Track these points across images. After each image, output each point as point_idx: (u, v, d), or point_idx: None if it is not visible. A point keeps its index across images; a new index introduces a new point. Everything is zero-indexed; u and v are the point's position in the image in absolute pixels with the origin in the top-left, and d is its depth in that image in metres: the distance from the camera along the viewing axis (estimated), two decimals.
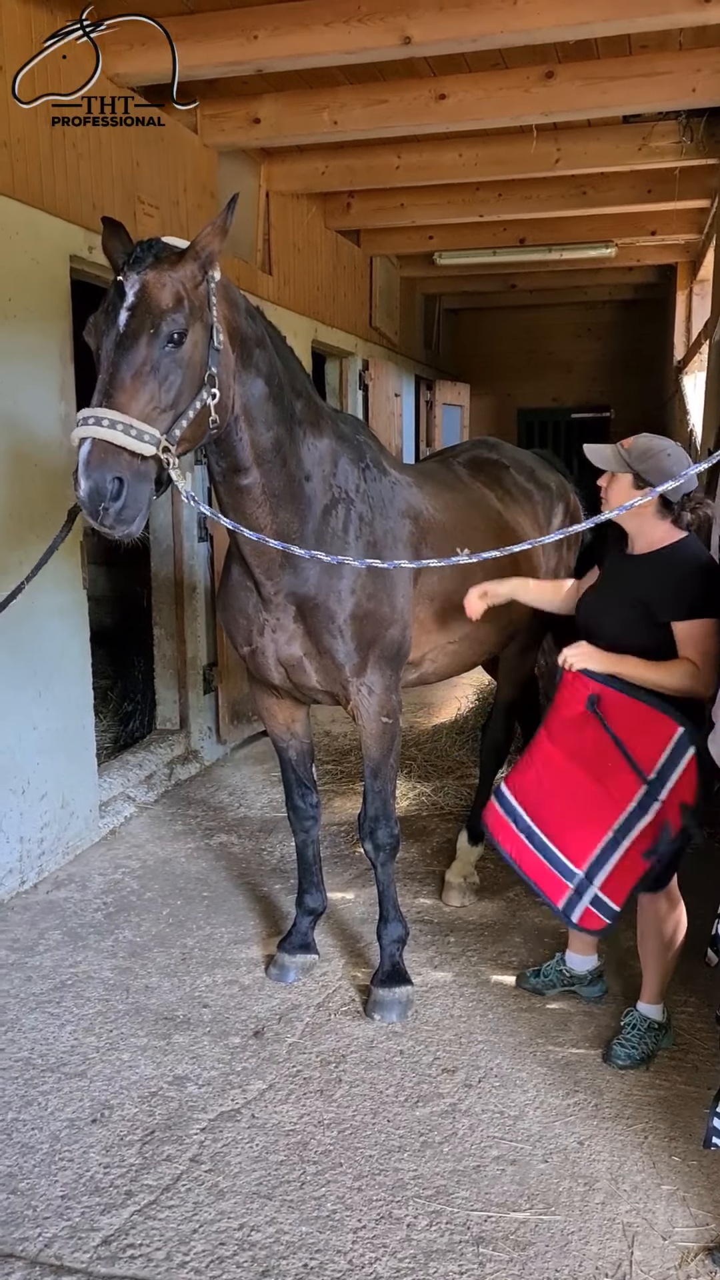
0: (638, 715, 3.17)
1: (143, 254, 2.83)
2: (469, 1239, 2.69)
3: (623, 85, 5.50)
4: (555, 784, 3.34)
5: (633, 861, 3.24)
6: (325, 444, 3.51)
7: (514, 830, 3.41)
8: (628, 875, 3.26)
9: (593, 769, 3.26)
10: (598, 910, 3.32)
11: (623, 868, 3.26)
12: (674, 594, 3.16)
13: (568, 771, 3.31)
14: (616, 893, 3.28)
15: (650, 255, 10.25)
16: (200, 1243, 2.69)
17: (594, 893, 3.30)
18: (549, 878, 3.37)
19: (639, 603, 3.20)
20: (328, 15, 4.67)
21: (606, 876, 3.28)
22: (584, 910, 3.33)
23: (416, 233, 9.38)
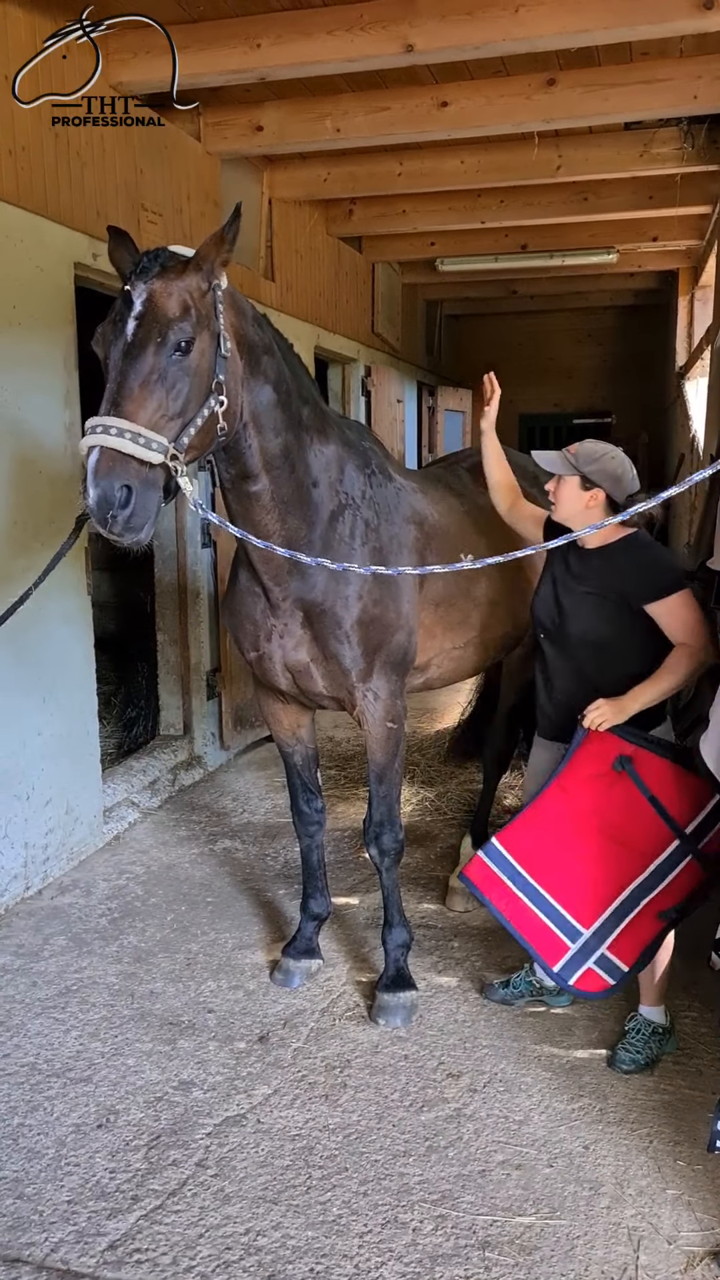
0: (673, 776, 3.19)
1: (150, 263, 2.84)
2: (475, 1244, 2.69)
3: (624, 92, 5.52)
4: (563, 840, 3.28)
5: (647, 920, 3.24)
6: (332, 450, 3.52)
7: (508, 886, 3.33)
8: (641, 935, 3.25)
9: (613, 828, 3.22)
10: (602, 970, 3.28)
11: (636, 926, 3.25)
12: (646, 580, 3.24)
13: (580, 830, 3.26)
14: (626, 954, 3.26)
15: (652, 261, 10.27)
16: (206, 1247, 2.69)
17: (601, 952, 3.28)
18: (547, 937, 3.31)
19: (614, 593, 3.26)
20: (330, 23, 4.70)
21: (618, 935, 3.26)
22: (584, 972, 3.29)
23: (418, 239, 9.40)
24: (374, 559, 3.59)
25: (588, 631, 3.32)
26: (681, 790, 3.19)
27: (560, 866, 3.29)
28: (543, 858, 3.31)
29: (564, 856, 3.29)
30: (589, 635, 3.32)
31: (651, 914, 3.24)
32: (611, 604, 3.28)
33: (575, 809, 3.26)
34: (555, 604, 3.41)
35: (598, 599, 3.30)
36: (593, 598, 3.30)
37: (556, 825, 3.29)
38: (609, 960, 3.28)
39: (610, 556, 3.29)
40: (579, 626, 3.34)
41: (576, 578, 3.35)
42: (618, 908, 3.25)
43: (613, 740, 3.20)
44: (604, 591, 3.28)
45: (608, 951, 3.28)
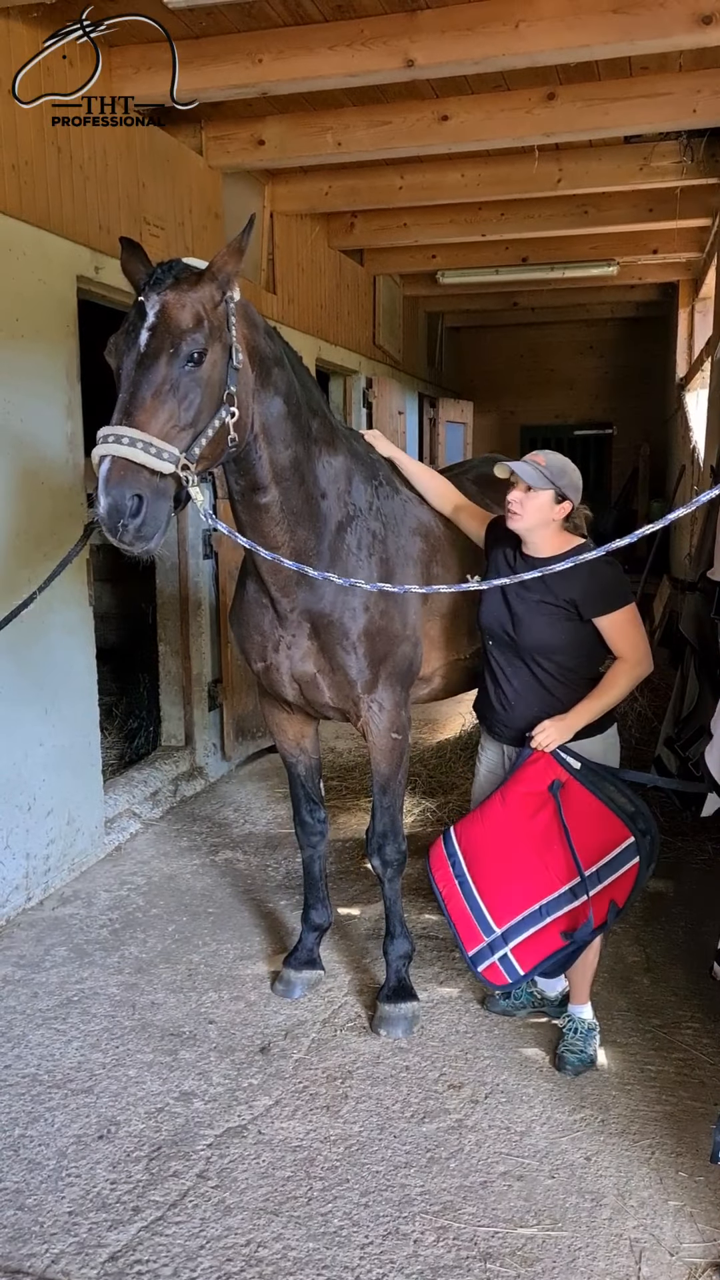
0: (594, 813, 3.33)
1: (163, 275, 2.86)
2: (476, 1255, 2.69)
3: (624, 106, 5.56)
4: (497, 846, 3.45)
5: (550, 936, 3.39)
6: (340, 462, 3.54)
7: (449, 872, 3.53)
8: (541, 947, 3.40)
9: (537, 845, 3.38)
10: (503, 968, 3.45)
11: (538, 938, 3.40)
12: (599, 593, 3.32)
13: (512, 839, 3.42)
14: (526, 960, 3.42)
15: (652, 273, 10.32)
16: (207, 1259, 2.68)
17: (505, 953, 3.43)
18: (468, 925, 3.49)
19: (567, 603, 3.32)
20: (331, 39, 4.73)
21: (521, 942, 3.41)
22: (490, 964, 3.46)
23: (419, 252, 9.45)
24: (381, 570, 3.60)
25: (542, 641, 3.37)
26: (595, 828, 3.33)
27: (490, 867, 3.47)
28: (478, 855, 3.49)
29: (494, 859, 3.46)
30: (543, 644, 3.37)
31: (555, 931, 3.38)
32: (564, 613, 3.33)
33: (511, 820, 3.42)
34: (508, 612, 3.43)
35: (551, 608, 3.34)
36: (546, 607, 3.34)
37: (494, 830, 3.46)
38: (510, 961, 3.43)
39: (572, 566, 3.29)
40: (533, 636, 3.38)
41: (527, 587, 3.37)
42: (526, 916, 3.41)
43: (552, 764, 3.34)
44: (556, 601, 3.33)
45: (510, 953, 3.43)
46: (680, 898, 4.77)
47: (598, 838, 3.32)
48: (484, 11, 4.53)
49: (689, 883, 4.92)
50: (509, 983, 3.45)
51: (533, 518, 3.34)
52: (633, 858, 3.31)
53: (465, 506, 3.84)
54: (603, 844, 3.32)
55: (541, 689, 3.40)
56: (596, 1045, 3.54)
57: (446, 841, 3.57)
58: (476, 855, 3.49)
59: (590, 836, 3.32)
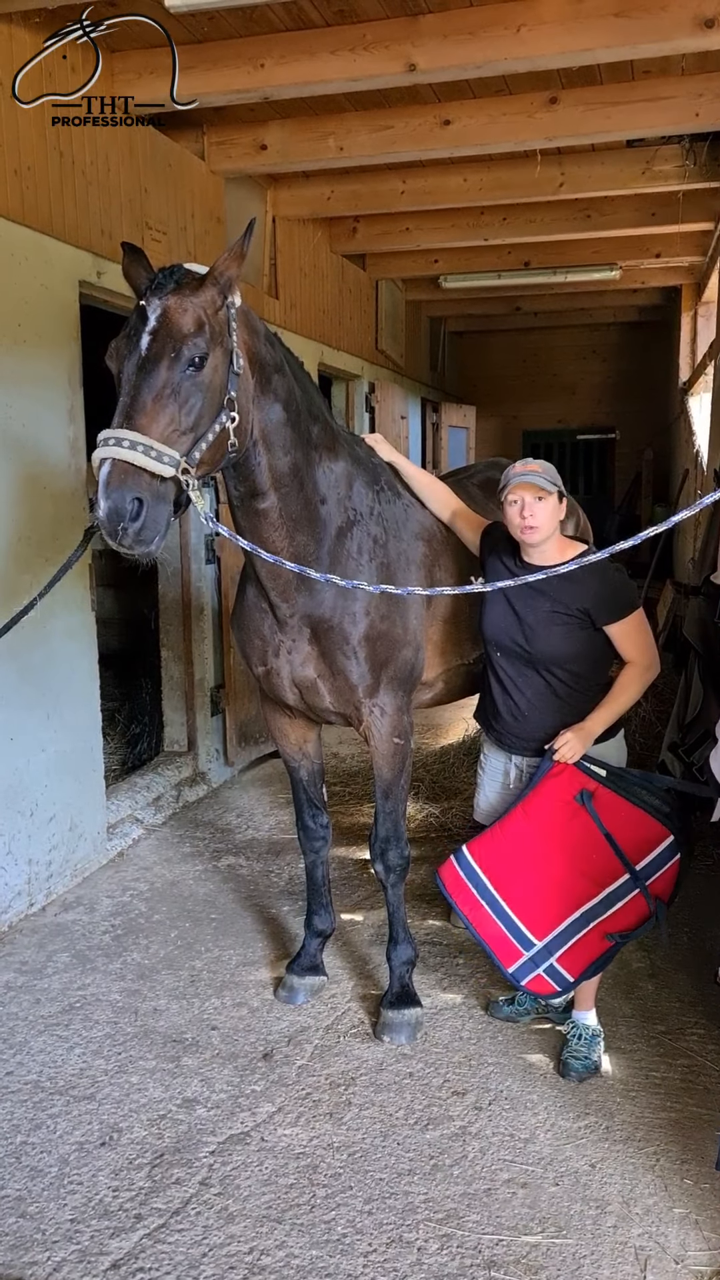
0: (630, 816, 3.35)
1: (164, 280, 2.86)
2: (480, 1263, 2.67)
3: (626, 110, 5.55)
4: (525, 861, 3.44)
5: (596, 940, 3.41)
6: (341, 467, 3.53)
7: (473, 893, 3.51)
8: (589, 951, 3.42)
9: (570, 855, 3.38)
10: (550, 978, 3.46)
11: (584, 944, 3.41)
12: (610, 599, 3.33)
13: (541, 853, 3.41)
14: (573, 966, 3.44)
15: (654, 277, 10.31)
16: (210, 1267, 2.67)
17: (550, 963, 3.45)
18: (504, 944, 3.49)
19: (580, 612, 3.32)
20: (333, 43, 4.73)
21: (566, 950, 3.43)
22: (535, 976, 3.47)
23: (422, 256, 9.45)
24: (382, 575, 3.59)
25: (558, 651, 3.36)
26: (634, 830, 3.35)
27: (520, 882, 3.46)
28: (505, 872, 3.47)
29: (524, 874, 3.45)
30: (559, 654, 3.36)
31: (599, 935, 3.40)
32: (577, 623, 3.33)
33: (538, 833, 3.41)
34: (517, 623, 3.41)
35: (565, 618, 3.33)
36: (560, 617, 3.33)
37: (519, 845, 3.45)
38: (557, 970, 3.45)
39: (572, 575, 3.24)
40: (549, 647, 3.36)
41: (537, 597, 3.35)
42: (568, 926, 3.41)
43: (577, 774, 3.34)
44: (569, 611, 3.32)
45: (556, 963, 3.45)
46: (685, 903, 4.74)
47: (638, 837, 3.34)
48: (486, 16, 4.53)
49: (693, 889, 4.89)
50: (558, 991, 3.48)
51: (549, 524, 3.32)
52: (674, 854, 3.34)
53: (462, 513, 3.82)
54: (644, 843, 3.34)
55: (555, 698, 3.40)
56: (601, 1051, 3.53)
57: (461, 862, 3.52)
58: (501, 872, 3.47)
59: (630, 838, 3.33)
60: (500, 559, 3.51)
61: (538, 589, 3.35)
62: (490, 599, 3.49)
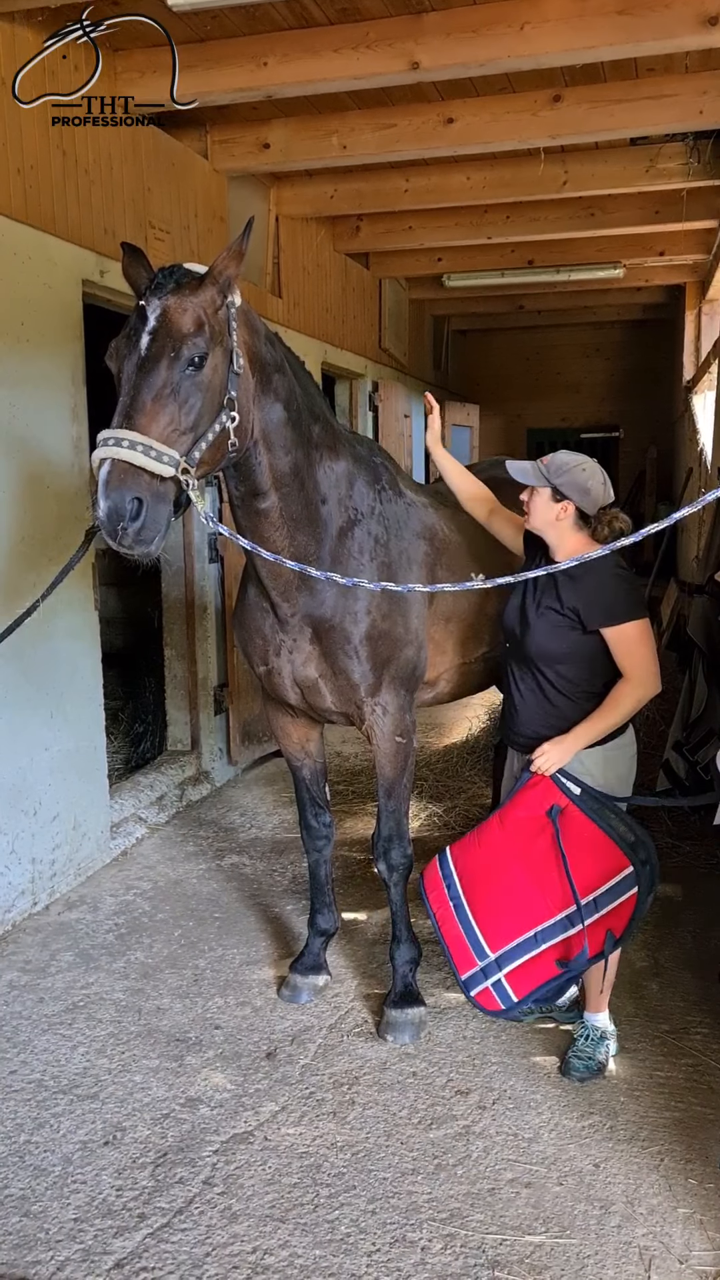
0: (593, 840, 3.26)
1: (164, 279, 2.86)
2: (484, 1263, 2.67)
3: (629, 108, 5.54)
4: (493, 870, 3.40)
5: (544, 963, 3.34)
6: (342, 466, 3.53)
7: (444, 894, 3.49)
8: (536, 974, 3.35)
9: (534, 871, 3.32)
10: (496, 994, 3.40)
11: (533, 965, 3.35)
12: (604, 602, 3.24)
13: (509, 864, 3.37)
14: (519, 986, 3.37)
15: (658, 275, 10.29)
16: (213, 1266, 2.67)
17: (498, 978, 3.39)
18: (462, 949, 3.44)
19: (570, 611, 3.27)
20: (336, 41, 4.73)
21: (515, 968, 3.37)
22: (484, 989, 3.41)
23: (425, 255, 9.44)
24: (383, 574, 3.59)
25: (543, 648, 3.32)
26: (594, 856, 3.26)
27: (485, 890, 3.42)
28: (475, 878, 3.44)
29: (491, 883, 3.41)
30: (544, 651, 3.32)
31: (550, 959, 3.33)
32: (567, 621, 3.28)
33: (509, 844, 3.37)
34: (521, 617, 3.41)
35: (556, 616, 3.29)
36: (552, 614, 3.30)
37: (491, 853, 3.41)
38: (503, 986, 3.38)
39: (572, 575, 3.24)
40: (535, 643, 3.34)
41: (542, 593, 3.35)
42: (521, 943, 3.35)
43: (552, 788, 3.28)
44: (560, 609, 3.28)
45: (504, 979, 3.38)
46: (689, 903, 4.75)
47: (597, 866, 3.25)
48: (489, 14, 4.52)
49: (697, 888, 4.89)
50: (502, 1009, 3.39)
51: (537, 516, 3.33)
52: (631, 887, 3.23)
53: (500, 511, 3.77)
54: (601, 872, 3.25)
55: (543, 698, 3.37)
56: (607, 1053, 3.51)
57: (442, 863, 3.52)
58: (472, 878, 3.44)
59: (589, 864, 3.25)
60: (535, 556, 3.49)
61: (546, 587, 3.34)
62: (513, 592, 3.49)
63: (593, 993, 3.53)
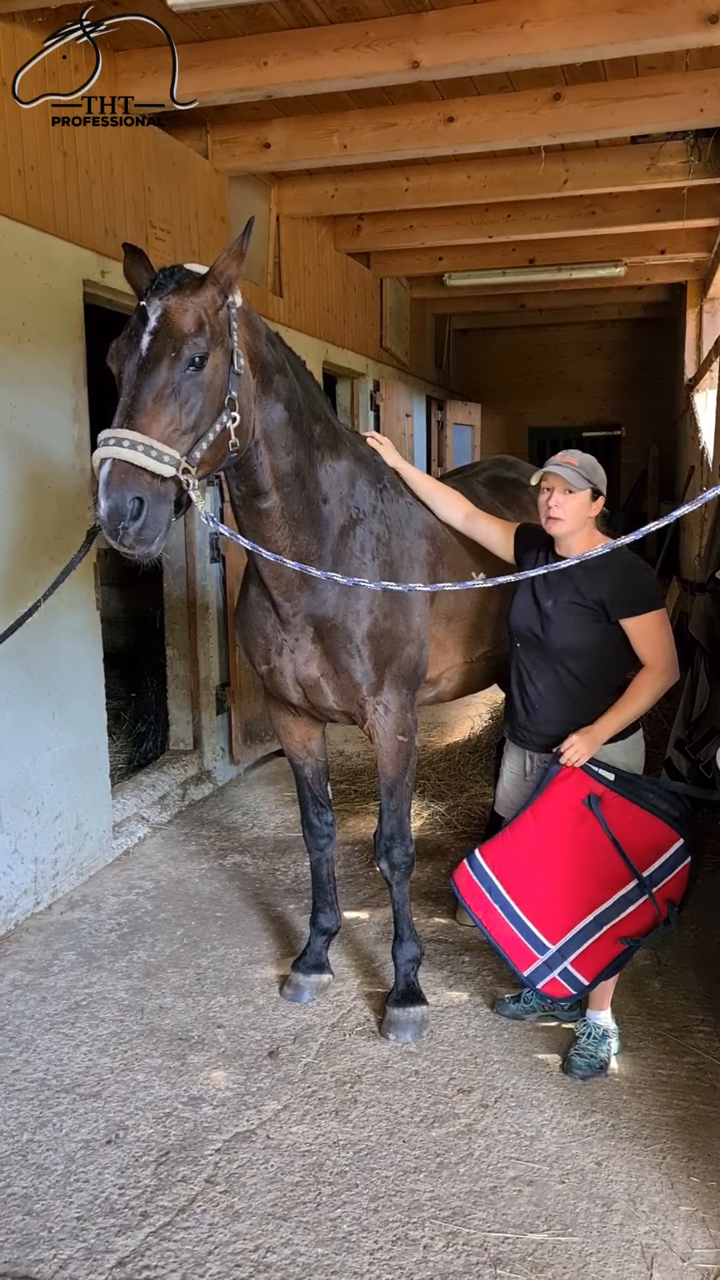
0: (638, 820, 3.32)
1: (165, 280, 2.87)
2: (486, 1260, 2.67)
3: (630, 106, 5.54)
4: (536, 865, 3.43)
5: (609, 944, 3.39)
6: (344, 466, 3.53)
7: (486, 898, 3.49)
8: (602, 955, 3.41)
9: (580, 859, 3.37)
10: (565, 981, 3.45)
11: (598, 948, 3.40)
12: (626, 593, 3.30)
13: (551, 856, 3.40)
14: (587, 970, 3.43)
15: (660, 274, 10.29)
16: (216, 1264, 2.67)
17: (565, 967, 3.43)
18: (518, 947, 3.48)
19: (595, 604, 3.30)
20: (336, 41, 4.73)
21: (580, 954, 3.41)
22: (550, 980, 3.46)
23: (426, 254, 9.44)
24: (385, 573, 3.59)
25: (569, 642, 3.34)
26: (642, 834, 3.33)
27: (532, 886, 3.44)
28: (517, 876, 3.46)
29: (536, 878, 3.44)
30: (570, 646, 3.35)
31: (612, 939, 3.39)
32: (591, 614, 3.31)
33: (547, 837, 3.40)
34: (538, 614, 3.41)
35: (580, 609, 3.32)
36: (576, 608, 3.32)
37: (530, 849, 3.43)
38: (571, 974, 3.44)
39: (592, 566, 3.27)
40: (562, 638, 3.35)
41: (556, 587, 3.36)
42: (581, 930, 3.41)
43: (585, 778, 3.32)
44: (585, 602, 3.31)
45: (570, 966, 3.43)
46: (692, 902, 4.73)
47: (645, 843, 3.32)
48: (489, 12, 4.52)
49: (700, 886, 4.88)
50: (573, 994, 3.46)
51: (574, 520, 3.32)
52: (684, 858, 3.32)
53: (478, 514, 3.78)
54: (653, 847, 3.32)
55: (565, 694, 3.38)
56: (610, 1052, 3.51)
57: (474, 867, 3.51)
58: (514, 876, 3.46)
59: (639, 843, 3.31)
60: (534, 556, 3.50)
61: (563, 581, 3.35)
62: (519, 591, 3.50)
63: (599, 991, 3.53)
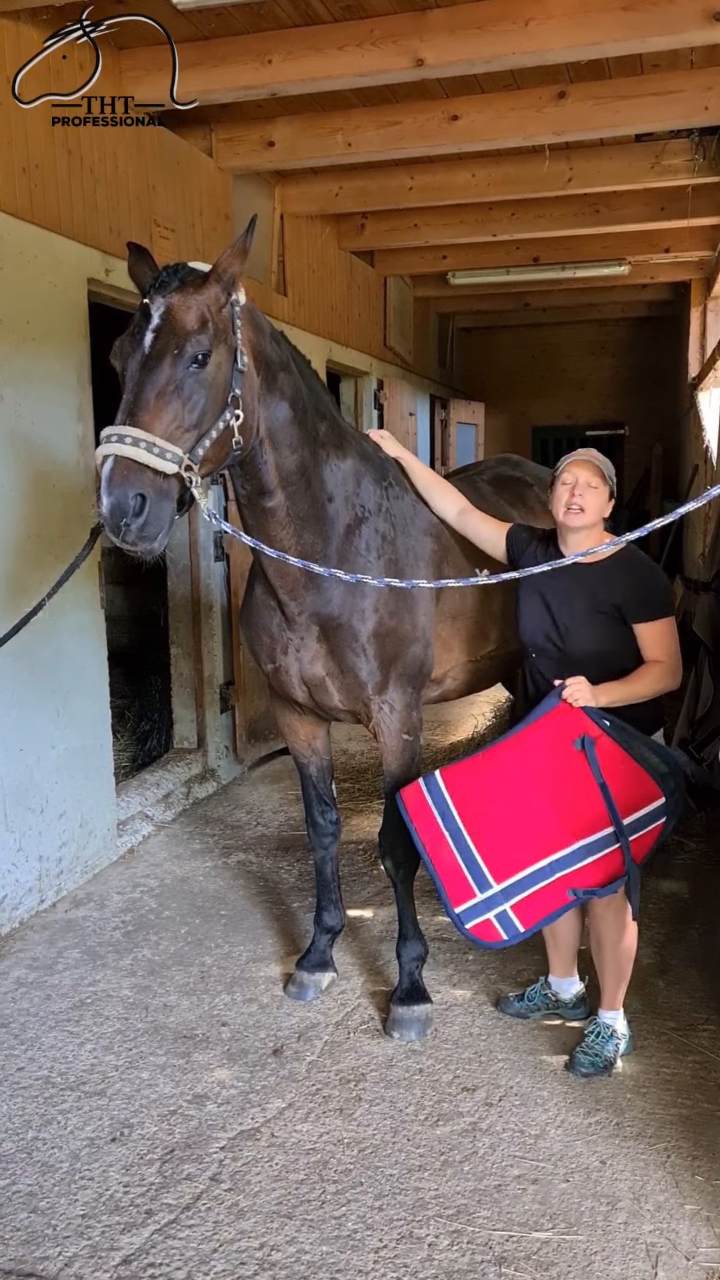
0: (627, 770, 3.23)
1: (168, 278, 2.87)
2: (491, 1259, 2.67)
3: (634, 104, 5.53)
4: (502, 796, 3.29)
5: (556, 892, 3.27)
6: (349, 464, 3.53)
7: (437, 822, 3.33)
8: (546, 904, 3.29)
9: (555, 798, 3.25)
10: (499, 925, 3.31)
11: (543, 894, 3.28)
12: (644, 597, 3.29)
13: (523, 790, 3.28)
14: (527, 916, 3.30)
15: (664, 272, 10.27)
16: (221, 1262, 2.67)
17: (504, 909, 3.30)
18: (457, 879, 3.32)
19: (612, 608, 3.29)
20: (341, 39, 4.73)
21: (524, 898, 3.28)
22: (483, 921, 3.31)
23: (430, 253, 9.43)
24: (390, 571, 3.58)
25: (592, 649, 3.32)
26: (628, 786, 3.23)
27: (491, 819, 3.30)
28: (478, 805, 3.32)
29: (498, 809, 3.30)
30: (594, 652, 3.32)
31: (562, 888, 3.26)
32: (609, 619, 3.30)
33: (525, 768, 3.28)
34: (552, 623, 3.38)
35: (600, 616, 3.30)
36: (596, 615, 3.31)
37: (501, 778, 3.31)
38: (508, 918, 3.30)
39: (608, 571, 3.28)
40: (584, 644, 3.33)
41: (569, 593, 3.34)
42: (533, 872, 3.27)
43: (582, 718, 3.22)
44: (602, 607, 3.29)
45: (510, 909, 3.30)
46: (696, 900, 4.74)
47: (628, 794, 3.22)
48: (493, 10, 4.51)
49: (704, 885, 4.89)
50: (503, 940, 3.32)
51: (594, 514, 3.32)
52: (659, 817, 3.23)
53: (472, 511, 3.75)
54: (635, 800, 3.22)
55: None
56: (616, 1051, 3.48)
57: (430, 787, 3.35)
58: (473, 804, 3.31)
59: (624, 793, 3.21)
60: (534, 557, 3.45)
61: (577, 588, 3.33)
62: (525, 602, 3.47)
63: (608, 990, 3.51)
